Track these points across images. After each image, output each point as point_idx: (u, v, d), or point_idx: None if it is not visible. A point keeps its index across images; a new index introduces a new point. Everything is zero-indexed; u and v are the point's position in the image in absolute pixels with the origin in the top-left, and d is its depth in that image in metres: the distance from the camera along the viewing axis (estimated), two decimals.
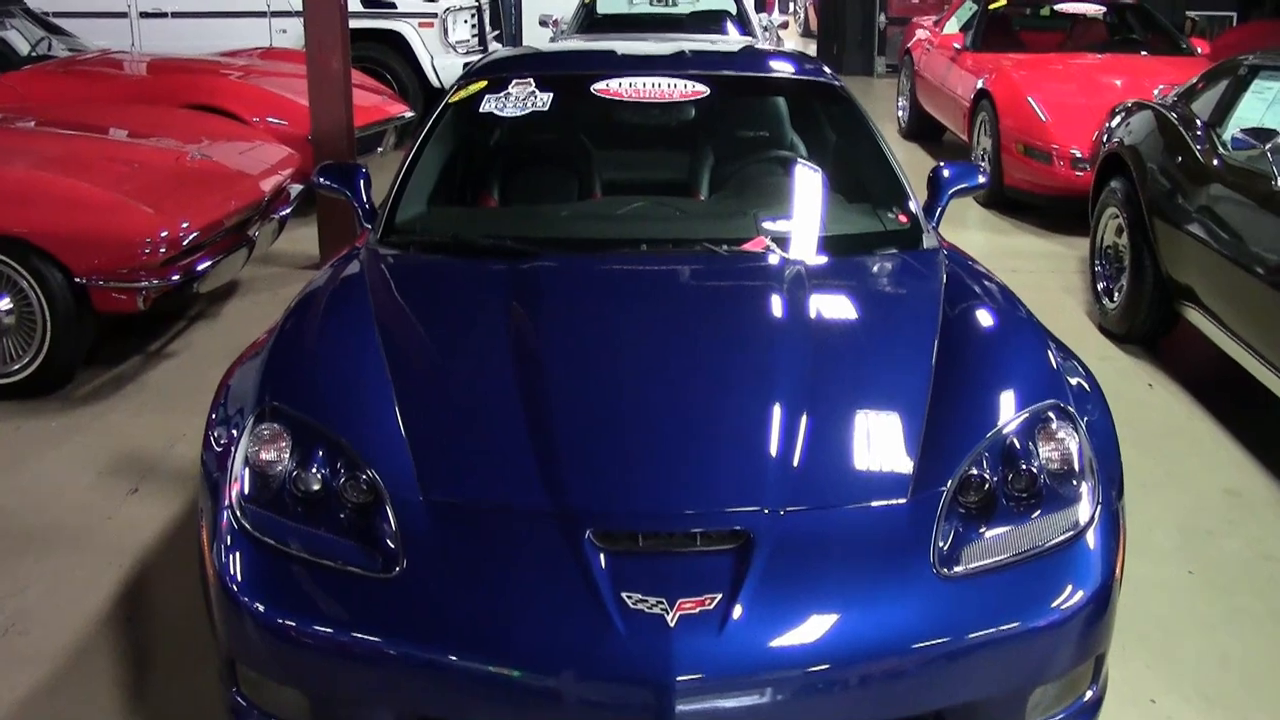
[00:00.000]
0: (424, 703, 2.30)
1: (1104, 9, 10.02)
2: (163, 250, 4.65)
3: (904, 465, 2.55)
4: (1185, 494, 4.20)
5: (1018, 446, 2.58)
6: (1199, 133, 5.21)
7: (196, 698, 2.95)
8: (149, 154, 5.41)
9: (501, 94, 4.03)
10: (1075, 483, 2.57)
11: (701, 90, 4.05)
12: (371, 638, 2.29)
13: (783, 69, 4.49)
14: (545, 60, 4.52)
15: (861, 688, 2.28)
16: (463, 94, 4.14)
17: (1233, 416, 4.83)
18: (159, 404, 4.81)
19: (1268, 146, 4.45)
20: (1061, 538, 2.48)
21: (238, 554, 2.46)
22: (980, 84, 8.67)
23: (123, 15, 9.75)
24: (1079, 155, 7.39)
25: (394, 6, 10.07)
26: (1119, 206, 5.68)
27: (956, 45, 9.70)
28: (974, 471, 2.53)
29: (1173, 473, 4.34)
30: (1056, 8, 10.04)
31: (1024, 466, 2.55)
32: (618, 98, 4.03)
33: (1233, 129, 4.88)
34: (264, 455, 2.56)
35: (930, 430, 2.63)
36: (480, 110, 4.03)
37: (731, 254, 3.42)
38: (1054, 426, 2.64)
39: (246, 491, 2.53)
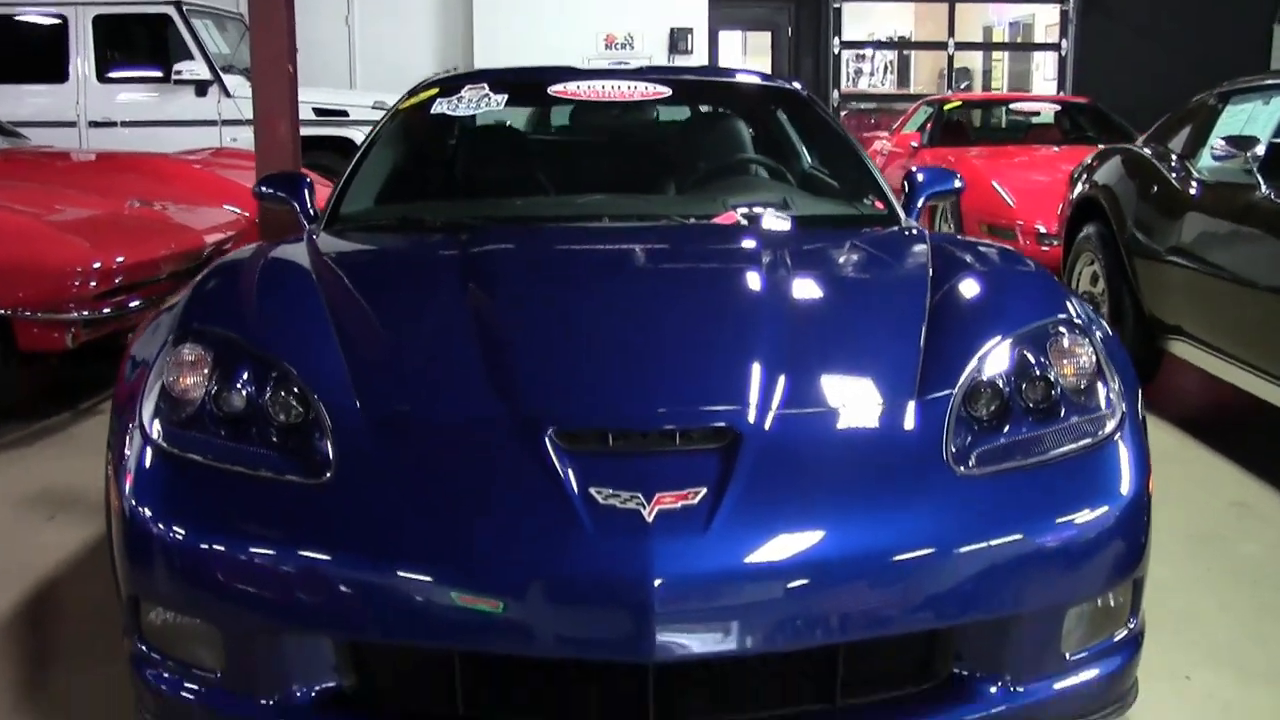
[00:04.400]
0: (361, 624, 1.95)
1: (1057, 107, 10.10)
2: (93, 283, 4.36)
3: (907, 371, 2.28)
4: (1191, 507, 3.92)
5: (1030, 359, 2.31)
6: (1175, 165, 5.09)
7: (97, 693, 2.60)
8: (85, 199, 5.16)
9: (454, 97, 3.82)
10: (1096, 390, 2.30)
11: (663, 91, 3.87)
12: (300, 551, 1.96)
13: (745, 79, 4.34)
14: (500, 71, 4.34)
15: (871, 592, 1.95)
16: (413, 101, 3.94)
17: (1228, 443, 4.59)
18: (85, 451, 4.43)
19: (1249, 154, 4.32)
20: (1087, 441, 2.21)
21: (146, 471, 2.12)
22: None
23: (72, 125, 9.60)
24: (1044, 231, 7.28)
25: (346, 115, 9.99)
26: (1094, 251, 5.52)
27: (914, 144, 9.71)
28: (985, 378, 2.25)
29: (1174, 491, 4.02)
30: (1011, 106, 10.12)
31: (1038, 374, 2.28)
32: (576, 98, 3.85)
33: (1212, 147, 4.76)
34: (183, 379, 2.24)
35: (931, 341, 2.36)
36: (432, 112, 3.82)
37: (701, 225, 3.20)
38: (1065, 341, 2.37)
39: (161, 410, 2.20)
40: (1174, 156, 5.15)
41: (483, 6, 12.92)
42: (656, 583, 1.83)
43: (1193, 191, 4.82)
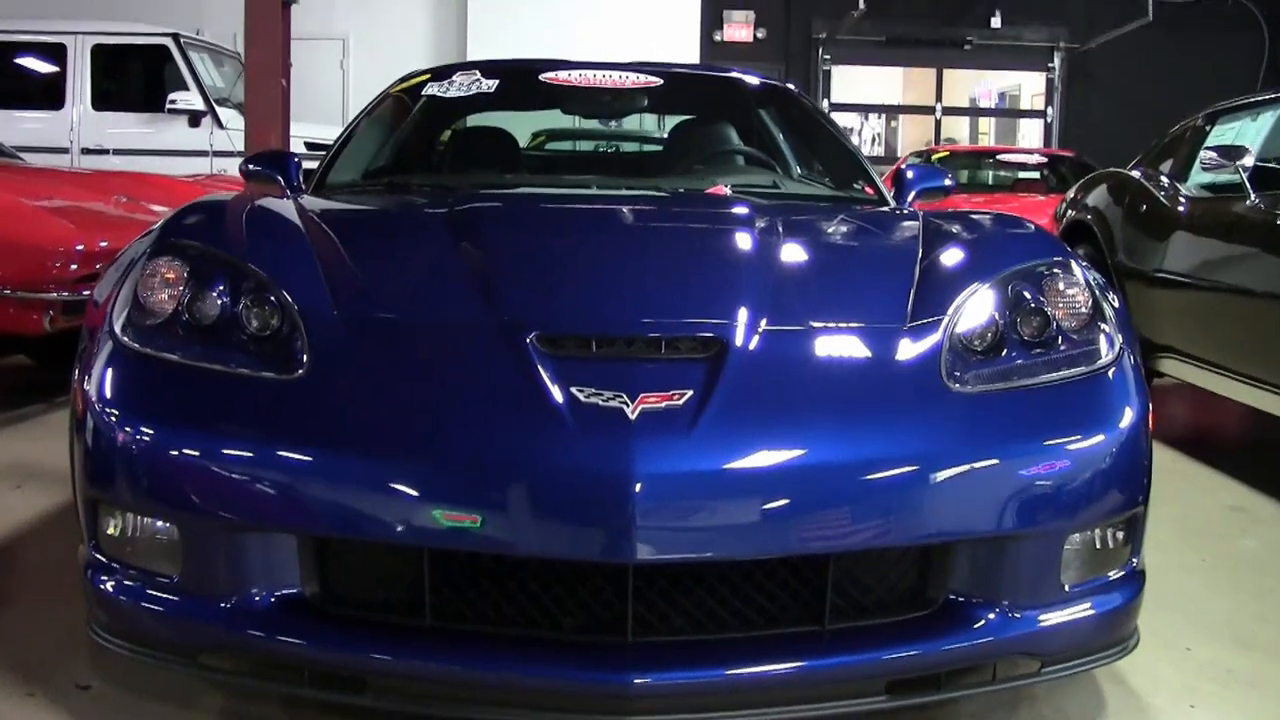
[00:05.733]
0: (332, 518, 1.86)
1: (1044, 158, 10.17)
2: (74, 265, 4.29)
3: (900, 299, 2.22)
4: (1188, 508, 3.86)
5: (1026, 295, 2.26)
6: (1164, 186, 5.09)
7: (51, 632, 2.51)
8: (73, 191, 5.11)
9: (445, 80, 3.80)
10: (1093, 326, 2.25)
11: (654, 80, 3.84)
12: (270, 445, 1.88)
13: (736, 75, 4.33)
14: (492, 60, 4.31)
15: (859, 502, 1.87)
16: (405, 85, 3.92)
17: (1221, 457, 4.56)
18: (56, 434, 4.30)
19: (1238, 163, 4.32)
20: (1082, 369, 2.16)
21: (113, 371, 2.06)
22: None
23: (64, 151, 9.58)
24: None
25: None
26: None
27: None
28: (979, 307, 2.19)
29: (1169, 497, 3.97)
30: (998, 158, 10.19)
31: (1033, 308, 2.22)
32: (567, 84, 3.82)
33: (1199, 167, 4.76)
34: (158, 291, 2.16)
35: (925, 275, 2.32)
36: (424, 94, 3.79)
37: (690, 193, 3.19)
38: (1061, 283, 2.32)
39: (133, 318, 2.13)
40: (1163, 178, 5.16)
41: (476, 53, 13.03)
42: (638, 481, 1.75)
43: (1182, 209, 4.81)
